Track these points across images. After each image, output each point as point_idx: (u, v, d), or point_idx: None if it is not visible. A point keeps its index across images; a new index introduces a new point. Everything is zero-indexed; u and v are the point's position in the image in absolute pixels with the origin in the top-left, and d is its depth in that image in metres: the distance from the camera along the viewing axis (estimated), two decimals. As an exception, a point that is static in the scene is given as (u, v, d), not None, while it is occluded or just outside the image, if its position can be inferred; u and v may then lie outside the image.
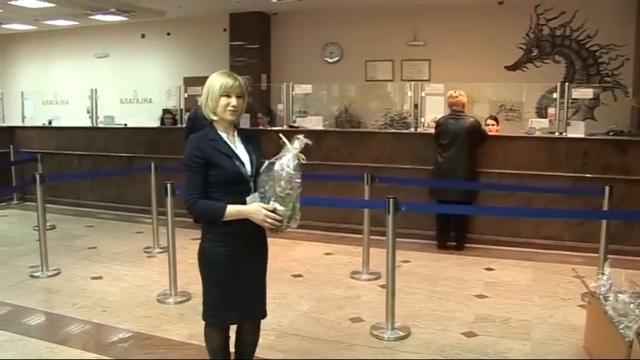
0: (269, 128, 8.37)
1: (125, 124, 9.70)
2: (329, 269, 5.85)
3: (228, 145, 2.80)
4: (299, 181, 2.66)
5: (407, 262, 6.01)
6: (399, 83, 10.57)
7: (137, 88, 11.59)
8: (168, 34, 12.24)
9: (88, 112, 9.57)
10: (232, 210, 2.69)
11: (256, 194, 2.71)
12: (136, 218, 8.10)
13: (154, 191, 6.48)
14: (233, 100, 2.77)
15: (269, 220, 2.66)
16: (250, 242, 2.84)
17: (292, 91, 8.05)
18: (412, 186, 6.49)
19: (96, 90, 9.51)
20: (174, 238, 4.87)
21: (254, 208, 2.68)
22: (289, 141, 2.70)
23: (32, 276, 5.53)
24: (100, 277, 5.53)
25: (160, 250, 6.35)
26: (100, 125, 9.38)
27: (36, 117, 10.49)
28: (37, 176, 5.64)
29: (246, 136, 2.89)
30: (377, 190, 5.56)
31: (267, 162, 2.69)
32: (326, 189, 6.84)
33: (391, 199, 4.09)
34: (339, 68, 11.09)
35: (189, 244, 5.70)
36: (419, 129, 7.29)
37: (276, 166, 2.64)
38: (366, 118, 10.34)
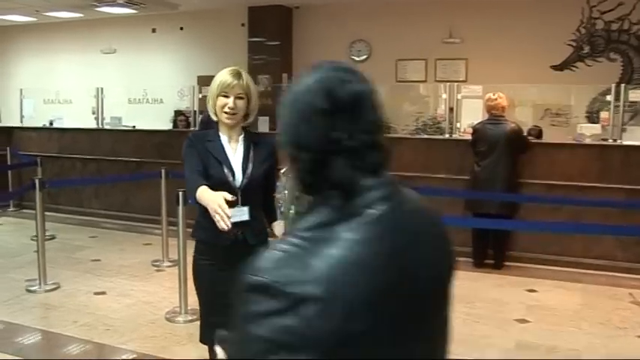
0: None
1: (133, 127, 9.80)
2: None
3: (224, 150, 2.82)
4: None
5: (440, 281, 5.96)
6: (432, 84, 10.54)
7: (147, 88, 11.71)
8: (181, 28, 12.35)
9: (94, 113, 9.70)
10: (203, 192, 2.55)
11: (242, 208, 2.72)
12: (144, 229, 8.17)
13: (164, 200, 6.53)
14: (230, 102, 2.78)
15: (218, 212, 2.36)
16: (234, 253, 2.67)
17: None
18: (446, 197, 6.46)
19: (102, 89, 9.63)
20: (185, 251, 4.89)
21: (212, 196, 2.47)
22: None
23: (29, 290, 5.59)
24: (103, 293, 5.57)
25: (170, 263, 6.39)
26: (106, 127, 9.49)
27: (36, 117, 10.65)
28: (37, 181, 5.72)
29: (255, 142, 2.88)
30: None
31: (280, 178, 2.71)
32: None
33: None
34: (367, 68, 11.08)
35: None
36: (454, 135, 7.27)
37: (285, 173, 2.65)
38: (396, 123, 10.30)
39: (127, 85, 12.03)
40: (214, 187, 2.64)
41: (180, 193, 4.86)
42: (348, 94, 1.14)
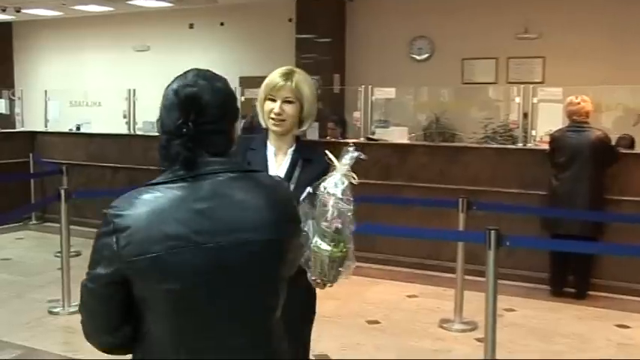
0: (341, 140, 8.38)
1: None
2: (413, 315, 5.85)
3: (265, 163, 2.79)
4: (350, 209, 2.45)
5: (511, 310, 5.91)
6: (504, 86, 10.41)
7: (183, 89, 11.88)
8: (222, 24, 12.51)
9: (125, 117, 9.86)
10: None
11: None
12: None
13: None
14: (276, 106, 2.74)
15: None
16: None
17: (371, 95, 8.06)
18: (519, 215, 6.38)
19: (134, 90, 9.79)
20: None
21: None
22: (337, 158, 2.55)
23: (51, 312, 5.70)
24: (131, 316, 5.64)
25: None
26: (139, 132, 9.64)
27: (61, 121, 10.87)
28: (62, 192, 5.83)
29: (306, 159, 2.81)
30: (474, 219, 5.54)
31: (308, 189, 2.54)
32: (410, 216, 6.82)
33: (492, 231, 4.05)
34: (430, 68, 11.03)
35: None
36: (528, 144, 7.18)
37: (320, 191, 2.47)
38: (462, 130, 10.21)
39: (162, 86, 12.17)
40: None
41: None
42: (185, 94, 1.74)
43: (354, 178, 2.47)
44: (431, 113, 10.59)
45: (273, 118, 2.75)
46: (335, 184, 2.45)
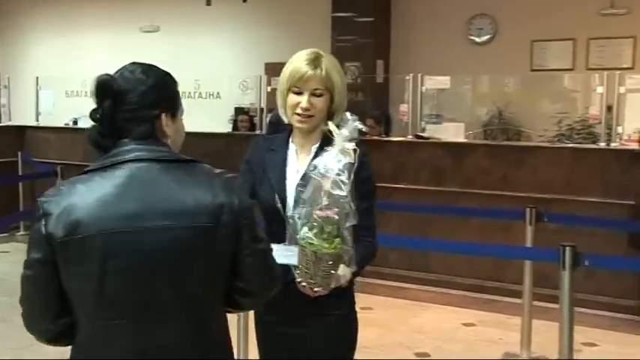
0: (384, 138, 8.37)
1: (181, 128, 10.01)
2: (470, 347, 5.83)
3: (283, 165, 2.79)
4: (345, 195, 2.41)
5: (592, 344, 5.86)
6: (582, 74, 10.33)
7: (199, 78, 11.95)
8: (244, 0, 12.55)
9: (129, 110, 9.97)
10: None
11: (290, 247, 2.58)
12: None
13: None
14: (304, 100, 2.71)
15: None
16: (294, 304, 2.70)
17: (421, 85, 8.05)
18: (601, 229, 6.34)
19: (141, 78, 9.88)
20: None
21: None
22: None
23: (43, 338, 5.75)
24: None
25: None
26: (145, 128, 9.72)
27: (55, 114, 11.01)
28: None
29: None
30: (545, 233, 5.53)
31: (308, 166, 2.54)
32: (467, 229, 6.83)
33: (567, 248, 4.02)
34: (491, 52, 10.97)
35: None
36: (613, 143, 7.12)
37: (311, 170, 2.46)
38: (530, 126, 10.14)
39: (173, 73, 12.29)
40: (266, 217, 2.70)
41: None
42: (97, 82, 2.05)
43: (352, 158, 2.45)
44: (493, 106, 10.54)
45: (299, 114, 2.72)
46: (329, 162, 2.42)
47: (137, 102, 2.07)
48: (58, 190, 2.02)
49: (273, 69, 10.28)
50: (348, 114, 2.55)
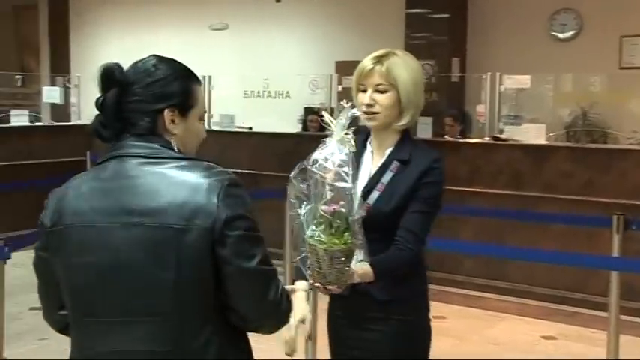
0: (460, 140, 8.34)
1: (250, 128, 10.11)
2: (550, 362, 5.77)
3: (357, 166, 2.74)
4: (350, 187, 2.37)
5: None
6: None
7: (268, 76, 12.04)
8: (315, -3, 12.61)
9: (198, 109, 10.10)
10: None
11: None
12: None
13: (288, 227, 6.67)
14: (366, 97, 2.77)
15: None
16: (356, 308, 2.83)
17: (500, 84, 8.01)
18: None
19: (209, 77, 10.01)
20: (316, 296, 4.96)
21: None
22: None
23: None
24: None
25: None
26: (214, 128, 9.86)
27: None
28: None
29: (402, 160, 2.80)
30: (633, 242, 5.47)
31: (300, 163, 2.47)
32: (547, 236, 6.79)
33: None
34: (575, 49, 10.81)
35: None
36: None
37: (310, 165, 2.40)
38: (618, 128, 9.96)
39: (243, 72, 12.43)
40: None
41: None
42: (101, 70, 2.15)
43: (352, 147, 2.41)
44: (576, 107, 10.37)
45: (365, 111, 2.77)
46: (329, 154, 2.39)
47: (141, 94, 2.08)
48: (64, 184, 2.11)
49: (344, 67, 10.32)
50: (344, 102, 2.51)
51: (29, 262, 2.18)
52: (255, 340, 2.18)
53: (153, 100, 2.08)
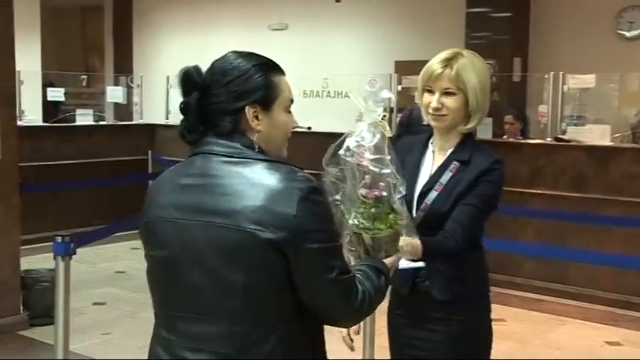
0: (521, 140, 8.24)
1: (309, 128, 10.10)
2: (615, 369, 5.71)
3: (417, 166, 2.85)
4: (390, 172, 2.26)
5: None
6: None
7: (328, 76, 12.04)
8: (375, -4, 12.58)
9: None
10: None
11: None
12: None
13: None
14: (434, 100, 2.76)
15: None
16: (416, 307, 2.85)
17: (563, 84, 7.92)
18: None
19: (269, 76, 10.03)
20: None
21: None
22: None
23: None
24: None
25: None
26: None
27: (183, 112, 11.36)
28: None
29: (462, 161, 2.80)
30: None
31: (331, 146, 2.40)
32: (611, 239, 6.72)
33: None
34: (642, 47, 10.63)
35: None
36: None
37: (343, 152, 2.31)
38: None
39: (302, 71, 12.45)
40: None
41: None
42: (180, 74, 2.21)
43: (385, 130, 2.33)
44: (644, 107, 10.21)
45: (431, 114, 2.79)
46: (361, 138, 2.31)
47: (220, 94, 2.07)
48: (160, 175, 2.22)
49: (404, 67, 10.28)
50: (367, 85, 2.45)
51: (94, 258, 2.21)
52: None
53: (233, 99, 2.06)
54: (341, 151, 2.30)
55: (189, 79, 2.13)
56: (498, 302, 6.14)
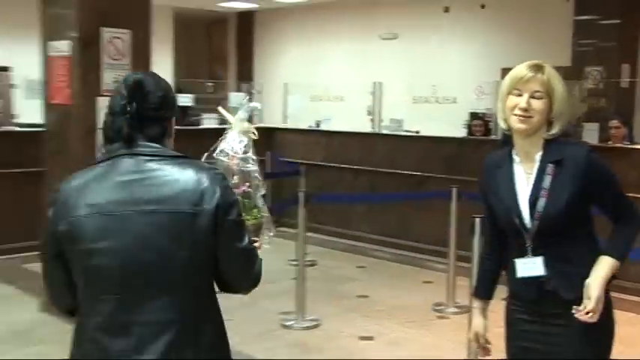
0: (629, 146, 7.99)
1: (417, 132, 10.08)
2: None
3: (511, 179, 2.81)
4: (256, 169, 2.63)
5: None
6: None
7: (436, 83, 11.97)
8: (483, 6, 12.41)
9: (369, 114, 10.17)
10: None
11: (533, 259, 2.73)
12: (425, 262, 8.35)
13: (453, 227, 6.62)
14: (522, 100, 2.70)
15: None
16: (544, 308, 2.79)
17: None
18: None
19: (380, 84, 10.05)
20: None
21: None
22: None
23: (284, 325, 6.04)
24: (370, 338, 5.82)
25: (457, 309, 6.48)
26: (384, 132, 9.89)
27: (300, 117, 11.45)
28: (301, 194, 6.13)
29: (555, 161, 2.75)
30: None
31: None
32: None
33: None
34: None
35: (497, 306, 5.68)
36: None
37: (218, 155, 2.61)
38: None
39: (411, 79, 12.41)
40: (505, 230, 2.84)
41: (477, 221, 4.88)
42: (133, 79, 2.23)
43: (254, 134, 2.65)
44: None
45: (517, 115, 2.72)
46: (233, 144, 2.61)
47: (159, 103, 2.24)
48: (67, 180, 2.23)
49: (511, 75, 10.10)
50: (241, 95, 2.73)
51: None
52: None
53: (166, 110, 2.29)
54: (215, 154, 2.61)
55: (142, 86, 2.24)
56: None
